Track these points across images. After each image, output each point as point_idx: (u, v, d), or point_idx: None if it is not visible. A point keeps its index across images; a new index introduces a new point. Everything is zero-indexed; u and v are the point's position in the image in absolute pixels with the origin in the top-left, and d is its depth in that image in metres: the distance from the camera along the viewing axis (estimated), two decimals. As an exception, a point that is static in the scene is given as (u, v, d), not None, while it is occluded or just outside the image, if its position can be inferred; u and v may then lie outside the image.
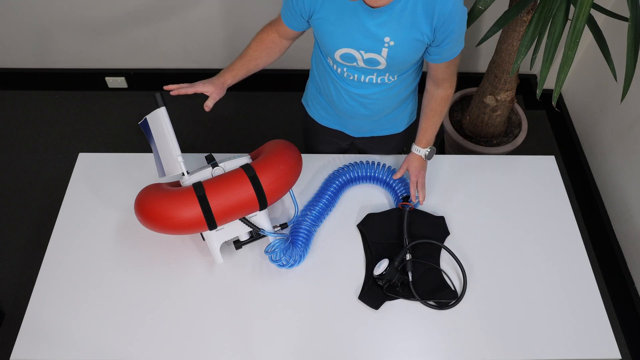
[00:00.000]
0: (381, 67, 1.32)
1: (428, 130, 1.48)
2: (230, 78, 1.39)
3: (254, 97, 2.83)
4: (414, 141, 1.50)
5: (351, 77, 1.38)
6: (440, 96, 1.43)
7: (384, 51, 1.27)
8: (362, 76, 1.37)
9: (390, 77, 1.38)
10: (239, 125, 2.71)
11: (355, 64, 1.33)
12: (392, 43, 1.25)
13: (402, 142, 1.71)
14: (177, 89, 1.32)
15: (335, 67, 1.39)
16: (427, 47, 1.29)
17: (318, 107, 1.60)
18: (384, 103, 1.46)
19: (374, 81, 1.38)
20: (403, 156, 1.61)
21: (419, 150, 1.48)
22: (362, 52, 1.28)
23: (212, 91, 1.34)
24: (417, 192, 1.47)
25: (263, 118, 2.75)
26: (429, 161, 1.56)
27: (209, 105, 1.34)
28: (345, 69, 1.37)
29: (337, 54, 1.31)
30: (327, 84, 1.46)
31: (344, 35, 1.26)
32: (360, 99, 1.44)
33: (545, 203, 1.53)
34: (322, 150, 1.75)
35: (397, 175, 1.50)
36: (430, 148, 1.48)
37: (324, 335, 1.28)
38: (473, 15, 1.70)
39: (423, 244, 1.40)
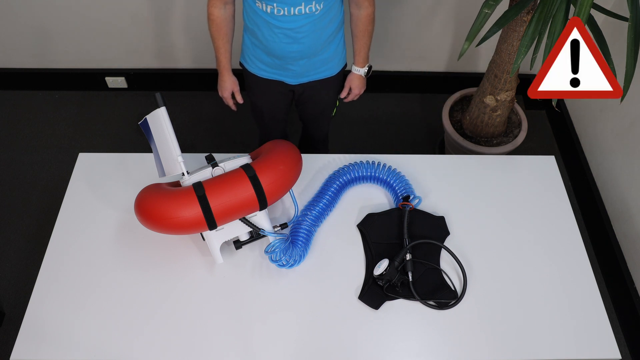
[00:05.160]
0: None
1: (361, 50, 1.69)
2: (229, 75, 1.75)
3: (254, 97, 2.82)
4: (353, 64, 1.73)
5: (281, 13, 1.48)
6: (364, 15, 1.61)
7: None
8: (291, 8, 1.48)
9: (317, 6, 1.49)
10: (239, 125, 2.71)
11: None
12: None
13: (337, 87, 1.84)
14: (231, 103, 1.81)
15: (263, 7, 1.49)
16: None
17: (255, 60, 1.69)
18: (314, 36, 1.57)
19: (303, 11, 1.49)
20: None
21: (358, 70, 1.74)
22: None
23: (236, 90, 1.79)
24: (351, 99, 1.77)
25: (263, 118, 2.74)
26: (428, 159, 1.60)
27: (240, 99, 1.81)
28: (275, 5, 1.47)
29: None
30: (260, 29, 1.56)
31: None
32: (292, 34, 1.54)
33: (545, 203, 1.53)
34: (264, 104, 1.86)
35: (343, 94, 1.78)
36: (367, 66, 1.73)
37: (324, 335, 1.28)
38: (479, 20, 1.67)
39: (423, 244, 1.40)
